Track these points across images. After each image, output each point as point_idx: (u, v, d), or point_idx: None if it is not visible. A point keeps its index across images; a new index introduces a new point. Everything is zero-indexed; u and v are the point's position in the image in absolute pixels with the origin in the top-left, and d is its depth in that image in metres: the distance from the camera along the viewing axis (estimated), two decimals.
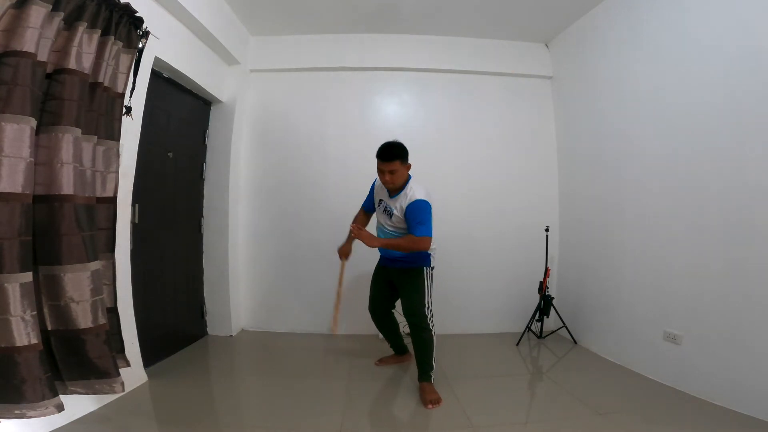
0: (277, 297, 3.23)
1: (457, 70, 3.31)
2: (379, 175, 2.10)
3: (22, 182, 1.35)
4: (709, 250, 2.02)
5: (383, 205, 2.20)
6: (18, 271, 1.34)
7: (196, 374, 2.34)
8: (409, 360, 2.50)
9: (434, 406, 1.96)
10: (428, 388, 2.06)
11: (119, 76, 1.82)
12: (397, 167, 2.03)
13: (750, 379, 1.82)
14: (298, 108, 3.28)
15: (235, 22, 2.98)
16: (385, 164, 2.03)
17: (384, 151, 2.04)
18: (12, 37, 1.36)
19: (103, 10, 1.65)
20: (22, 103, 1.35)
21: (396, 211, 2.10)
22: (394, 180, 2.06)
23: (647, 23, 2.40)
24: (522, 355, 2.74)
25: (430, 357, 2.11)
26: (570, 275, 3.15)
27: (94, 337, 1.57)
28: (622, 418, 1.80)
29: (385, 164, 2.04)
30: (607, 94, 2.75)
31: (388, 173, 2.04)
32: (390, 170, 2.03)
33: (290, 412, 1.89)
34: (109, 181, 1.79)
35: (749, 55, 1.84)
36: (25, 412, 1.34)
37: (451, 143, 3.29)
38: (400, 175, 2.07)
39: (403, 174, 2.08)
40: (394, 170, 2.03)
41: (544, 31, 3.23)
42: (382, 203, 2.21)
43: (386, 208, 2.17)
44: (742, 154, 1.88)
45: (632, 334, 2.46)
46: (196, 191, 2.96)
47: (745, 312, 1.85)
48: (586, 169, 2.99)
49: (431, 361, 2.11)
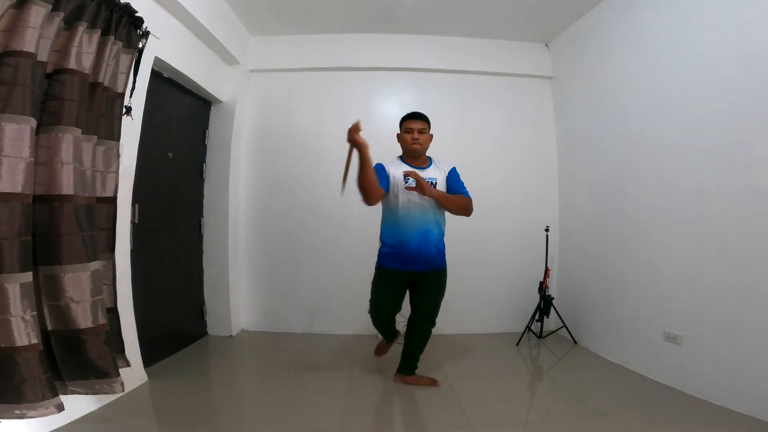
0: (277, 297, 3.23)
1: (457, 70, 3.32)
2: (406, 137, 2.07)
3: (22, 182, 1.35)
4: (709, 249, 2.02)
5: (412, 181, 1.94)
6: (18, 271, 1.34)
7: (196, 374, 2.34)
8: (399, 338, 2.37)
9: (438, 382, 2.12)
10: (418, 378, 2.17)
11: (119, 76, 1.82)
12: (425, 128, 2.08)
13: (750, 379, 1.82)
14: (298, 108, 3.28)
15: (235, 22, 2.98)
16: (415, 121, 2.07)
17: (413, 112, 2.12)
18: (12, 37, 1.36)
19: (103, 10, 1.65)
20: (22, 103, 1.35)
21: (439, 179, 2.07)
22: (422, 141, 2.06)
23: (647, 23, 2.40)
24: (522, 355, 2.74)
25: (420, 353, 2.20)
26: (570, 275, 3.15)
27: (94, 337, 1.57)
28: (622, 418, 1.80)
29: (414, 121, 2.07)
30: (607, 94, 2.75)
31: (417, 132, 2.05)
32: (419, 128, 2.06)
33: (290, 412, 1.89)
34: (109, 181, 1.79)
35: (749, 55, 1.84)
36: (25, 412, 1.34)
37: (451, 143, 3.27)
38: (426, 138, 2.09)
39: (428, 140, 2.11)
40: (423, 129, 2.07)
41: (544, 31, 3.23)
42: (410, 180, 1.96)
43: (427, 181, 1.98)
44: (742, 154, 1.88)
45: (632, 334, 2.46)
46: (196, 191, 2.96)
47: (745, 312, 1.85)
48: (586, 169, 2.99)
49: (418, 357, 2.20)
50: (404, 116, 2.11)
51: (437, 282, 2.11)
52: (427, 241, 2.02)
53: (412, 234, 2.01)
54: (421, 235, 2.01)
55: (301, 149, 3.25)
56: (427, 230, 2.02)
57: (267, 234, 3.24)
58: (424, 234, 2.01)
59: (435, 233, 2.05)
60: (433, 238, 2.04)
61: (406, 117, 2.10)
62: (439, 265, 2.10)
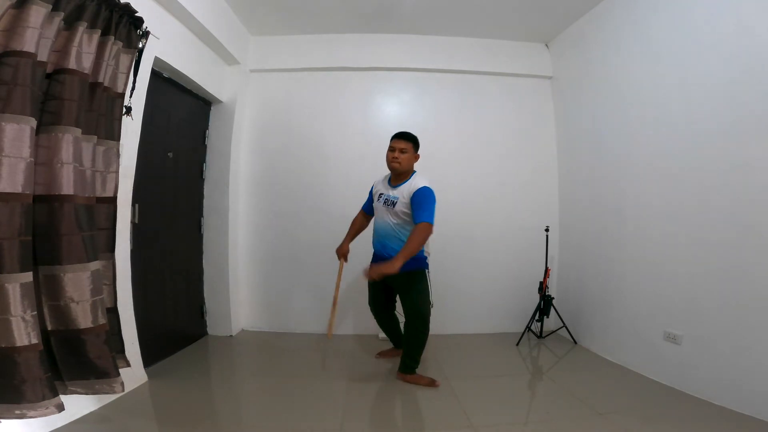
0: (277, 297, 3.23)
1: (457, 70, 3.31)
2: (389, 155, 2.17)
3: (22, 182, 1.35)
4: (709, 249, 2.02)
5: (383, 198, 2.21)
6: (18, 271, 1.34)
7: (196, 374, 2.34)
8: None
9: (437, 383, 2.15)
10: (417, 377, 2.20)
11: (119, 76, 1.82)
12: (408, 148, 2.14)
13: (750, 379, 1.82)
14: (298, 108, 3.28)
15: (235, 22, 2.97)
16: (398, 141, 2.15)
17: (400, 132, 2.21)
18: (12, 37, 1.36)
19: (103, 10, 1.65)
20: (22, 103, 1.35)
21: (401, 198, 2.12)
22: (402, 160, 2.12)
23: (647, 23, 2.40)
24: (522, 355, 2.74)
25: (419, 354, 2.21)
26: (570, 275, 3.15)
27: (94, 337, 1.57)
28: (622, 418, 1.80)
29: (397, 141, 2.15)
30: (607, 94, 2.75)
31: (398, 151, 2.12)
32: (401, 148, 2.13)
33: (290, 412, 1.89)
34: (109, 181, 1.79)
35: (749, 55, 1.84)
36: (25, 412, 1.34)
37: (451, 143, 3.29)
38: (408, 159, 2.14)
39: (410, 159, 2.17)
40: (405, 150, 2.13)
41: (544, 31, 3.23)
42: (382, 196, 2.23)
43: (387, 198, 2.19)
44: (742, 154, 1.88)
45: (632, 334, 2.46)
46: (196, 191, 2.96)
47: (745, 312, 1.85)
48: (586, 169, 2.99)
49: (418, 357, 2.22)
50: (393, 135, 2.21)
51: (406, 283, 2.16)
52: (385, 248, 2.19)
53: (376, 242, 2.29)
54: (381, 245, 2.23)
55: (300, 149, 3.25)
56: (383, 243, 2.21)
57: (267, 234, 3.24)
58: (383, 245, 2.21)
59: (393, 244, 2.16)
60: (390, 249, 2.15)
61: (394, 136, 2.20)
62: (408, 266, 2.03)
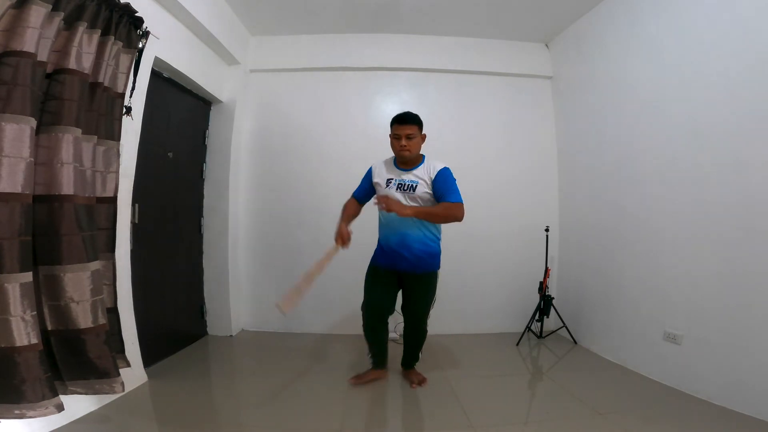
0: (277, 297, 3.20)
1: (457, 70, 3.31)
2: (394, 143, 1.98)
3: (22, 182, 1.35)
4: (709, 249, 2.02)
5: (395, 183, 2.00)
6: (18, 271, 1.34)
7: (196, 374, 2.34)
8: (387, 377, 2.26)
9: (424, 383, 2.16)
10: (413, 372, 2.25)
11: (119, 76, 1.82)
12: (414, 132, 1.95)
13: (750, 379, 1.82)
14: (298, 108, 3.28)
15: (235, 22, 2.98)
16: (403, 127, 1.93)
17: (401, 114, 1.97)
18: (12, 37, 1.36)
19: (103, 10, 1.65)
20: (22, 103, 1.35)
21: (422, 182, 1.95)
22: (411, 146, 1.94)
23: (647, 23, 2.40)
24: (522, 355, 2.74)
25: (419, 350, 2.25)
26: (570, 275, 3.15)
27: (94, 337, 1.57)
28: (622, 418, 1.80)
29: (402, 127, 1.93)
30: (607, 95, 2.75)
31: (405, 137, 1.93)
32: (407, 134, 1.93)
33: (290, 412, 1.89)
34: (109, 181, 1.79)
35: (750, 55, 1.83)
36: (25, 412, 1.34)
37: (451, 143, 3.28)
38: (416, 143, 1.96)
39: (419, 143, 1.99)
40: (412, 135, 1.94)
41: (544, 31, 3.23)
42: (393, 182, 2.01)
43: (403, 183, 1.98)
44: (742, 154, 1.88)
45: (632, 334, 2.46)
46: (196, 191, 2.96)
47: (745, 312, 1.85)
48: (586, 169, 2.99)
49: (418, 354, 2.26)
50: (393, 119, 1.99)
51: (424, 285, 2.06)
52: (405, 242, 2.00)
53: (391, 235, 2.04)
54: (399, 237, 2.01)
55: (301, 149, 3.25)
56: (404, 233, 1.99)
57: (267, 234, 3.24)
58: (402, 236, 2.00)
59: (415, 235, 1.99)
60: (412, 240, 1.99)
61: (394, 120, 1.98)
62: (424, 267, 2.03)
